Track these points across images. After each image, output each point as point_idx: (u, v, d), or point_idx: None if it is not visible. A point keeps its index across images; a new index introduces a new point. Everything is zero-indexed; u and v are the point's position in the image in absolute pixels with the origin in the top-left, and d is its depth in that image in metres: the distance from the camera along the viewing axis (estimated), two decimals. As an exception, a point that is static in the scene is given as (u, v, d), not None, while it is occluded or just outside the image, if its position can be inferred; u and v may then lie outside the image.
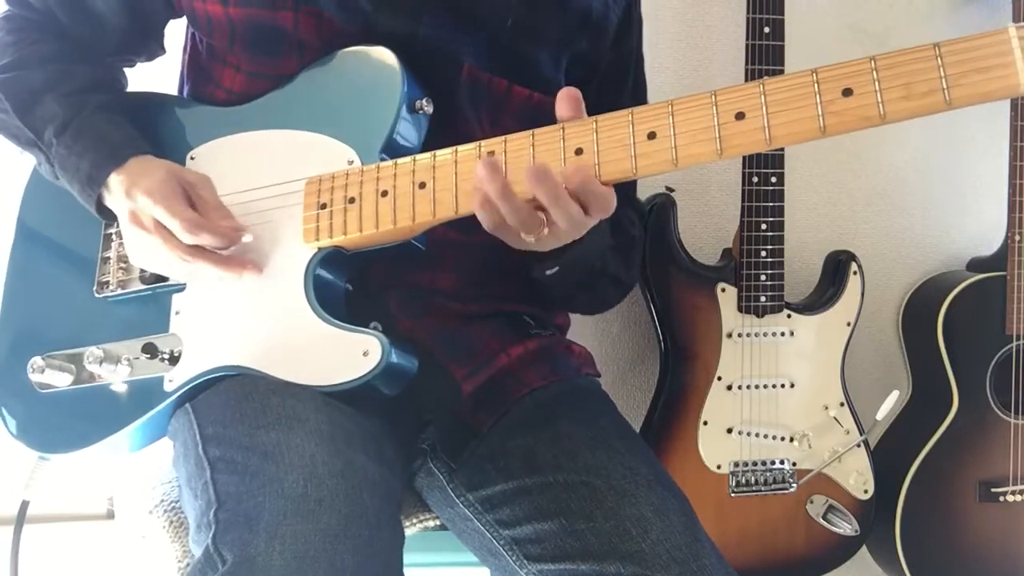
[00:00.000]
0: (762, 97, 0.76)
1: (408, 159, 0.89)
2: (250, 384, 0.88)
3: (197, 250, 0.91)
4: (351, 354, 0.86)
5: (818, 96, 0.74)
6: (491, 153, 0.85)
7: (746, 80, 1.39)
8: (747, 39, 1.39)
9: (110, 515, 1.57)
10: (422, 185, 0.87)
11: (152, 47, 1.11)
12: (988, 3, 1.66)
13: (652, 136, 0.80)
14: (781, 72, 1.38)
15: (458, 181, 0.86)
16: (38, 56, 1.01)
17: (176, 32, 1.11)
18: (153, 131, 1.02)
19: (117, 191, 0.93)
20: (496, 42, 0.98)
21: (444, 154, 0.88)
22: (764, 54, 1.39)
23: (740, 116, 0.77)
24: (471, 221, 0.87)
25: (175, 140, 1.02)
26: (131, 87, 1.12)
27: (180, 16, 1.05)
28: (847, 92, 0.73)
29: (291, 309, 0.90)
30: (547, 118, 0.84)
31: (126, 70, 1.12)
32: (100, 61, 1.06)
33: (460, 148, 0.87)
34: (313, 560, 0.71)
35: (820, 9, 1.65)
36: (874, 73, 0.73)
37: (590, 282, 1.02)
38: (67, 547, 1.55)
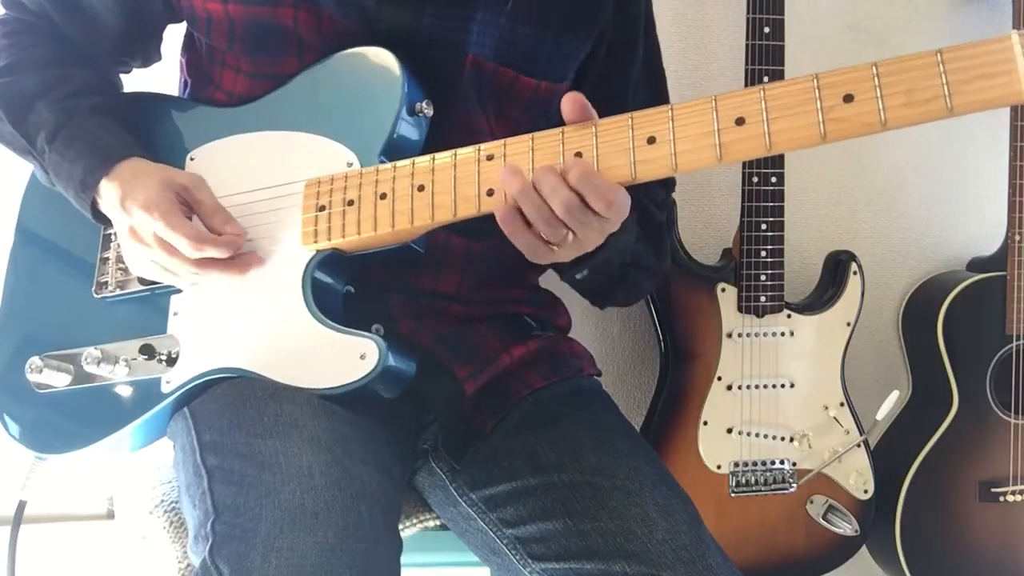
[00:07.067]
0: (762, 103, 0.75)
1: (407, 162, 0.89)
2: (247, 389, 0.88)
3: (203, 261, 0.90)
4: (348, 357, 0.85)
5: (819, 102, 0.73)
6: (490, 157, 0.84)
7: (746, 80, 1.39)
8: (747, 39, 1.39)
9: (110, 515, 1.57)
10: (421, 188, 0.87)
11: (149, 51, 1.09)
12: (988, 3, 1.65)
13: (652, 141, 0.79)
14: (781, 72, 1.39)
15: (456, 184, 0.86)
16: (32, 60, 1.00)
17: (173, 39, 1.10)
18: (151, 132, 1.01)
19: (110, 200, 0.92)
20: (497, 27, 0.97)
21: (443, 157, 0.87)
22: (764, 54, 1.39)
23: (740, 121, 0.76)
24: (473, 225, 0.86)
25: (174, 141, 1.01)
26: (129, 90, 1.10)
27: (179, 21, 1.04)
28: (848, 98, 0.73)
29: (288, 311, 0.90)
30: (556, 108, 0.83)
31: (124, 77, 1.11)
32: (96, 64, 1.04)
33: (459, 151, 0.87)
34: (309, 574, 0.72)
35: (820, 9, 1.65)
36: (876, 79, 0.72)
37: (622, 275, 1.01)
38: (67, 547, 1.55)
